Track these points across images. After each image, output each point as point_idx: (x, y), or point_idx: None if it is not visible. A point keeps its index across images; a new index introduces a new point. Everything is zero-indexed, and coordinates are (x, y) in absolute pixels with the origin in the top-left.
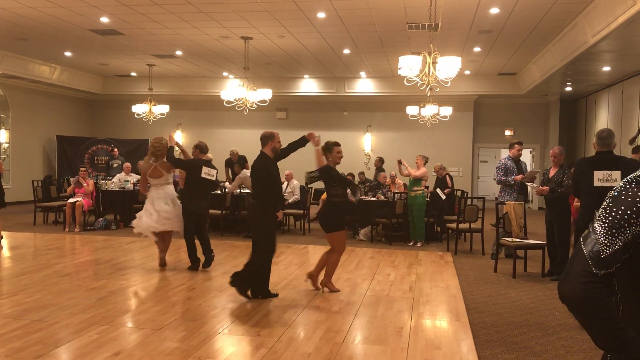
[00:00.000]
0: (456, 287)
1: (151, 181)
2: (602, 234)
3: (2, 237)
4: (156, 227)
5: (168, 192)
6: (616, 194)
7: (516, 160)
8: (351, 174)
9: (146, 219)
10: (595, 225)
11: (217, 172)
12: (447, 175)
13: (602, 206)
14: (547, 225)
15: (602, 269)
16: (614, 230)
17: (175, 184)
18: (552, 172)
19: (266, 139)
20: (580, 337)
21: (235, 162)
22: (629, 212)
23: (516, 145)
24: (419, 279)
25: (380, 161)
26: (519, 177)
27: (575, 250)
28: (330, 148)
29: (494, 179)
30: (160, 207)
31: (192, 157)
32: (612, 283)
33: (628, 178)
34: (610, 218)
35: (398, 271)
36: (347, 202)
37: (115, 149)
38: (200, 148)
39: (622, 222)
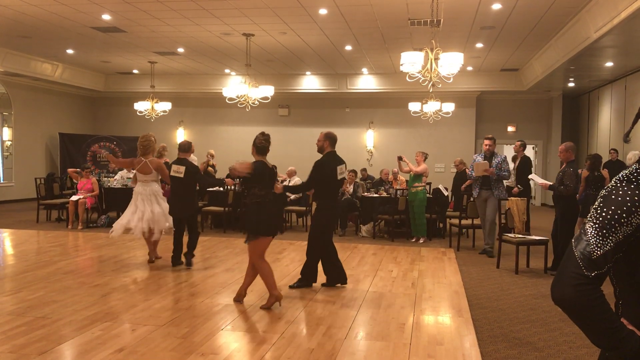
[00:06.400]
0: (458, 283)
1: (139, 177)
2: (592, 235)
3: None
4: (143, 228)
5: (154, 189)
6: (606, 193)
7: (488, 155)
8: (353, 171)
9: (136, 222)
10: (587, 226)
11: (185, 169)
12: (466, 170)
13: (593, 206)
14: (554, 220)
15: (593, 270)
16: (604, 231)
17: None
18: (561, 169)
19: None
20: (582, 333)
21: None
22: (619, 211)
23: (485, 141)
24: (421, 275)
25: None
26: (474, 172)
27: (567, 252)
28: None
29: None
30: (148, 208)
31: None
32: (603, 282)
33: (619, 176)
34: (600, 219)
35: (400, 267)
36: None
37: (119, 152)
38: (180, 146)
39: (613, 222)
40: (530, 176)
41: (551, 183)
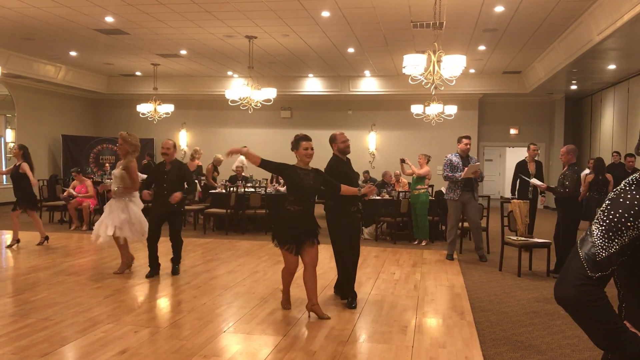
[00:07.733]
0: (461, 286)
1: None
2: (598, 237)
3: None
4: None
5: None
6: (615, 195)
7: (464, 156)
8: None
9: (129, 230)
10: (593, 227)
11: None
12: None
13: (601, 208)
14: (556, 223)
15: (597, 272)
16: (610, 234)
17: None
18: (562, 172)
19: (330, 140)
20: (586, 336)
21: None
22: (626, 215)
23: (463, 140)
24: (423, 278)
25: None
26: (464, 173)
27: (572, 252)
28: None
29: (442, 176)
30: (136, 213)
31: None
32: (606, 284)
33: (629, 179)
34: (607, 221)
35: (403, 270)
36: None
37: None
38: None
39: (619, 225)
40: (531, 181)
41: (546, 185)
